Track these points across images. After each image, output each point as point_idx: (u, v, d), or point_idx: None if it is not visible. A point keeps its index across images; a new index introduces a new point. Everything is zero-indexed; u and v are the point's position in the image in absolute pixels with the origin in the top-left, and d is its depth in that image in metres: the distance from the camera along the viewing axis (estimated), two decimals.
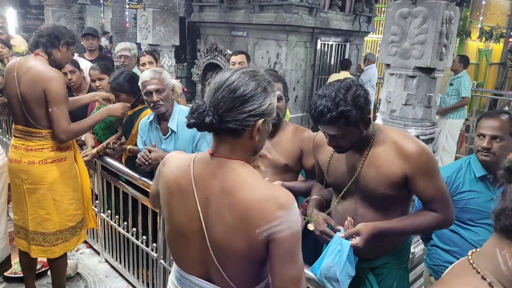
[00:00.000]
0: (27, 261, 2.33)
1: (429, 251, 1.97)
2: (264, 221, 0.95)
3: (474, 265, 0.74)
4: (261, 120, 1.00)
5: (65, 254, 2.34)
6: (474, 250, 0.78)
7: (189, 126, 1.00)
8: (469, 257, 0.76)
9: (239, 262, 1.04)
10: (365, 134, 1.42)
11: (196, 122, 0.98)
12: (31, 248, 2.22)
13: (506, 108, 6.55)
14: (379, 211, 1.46)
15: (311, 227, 1.54)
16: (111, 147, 2.47)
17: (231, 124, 0.97)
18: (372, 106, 6.54)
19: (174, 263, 1.22)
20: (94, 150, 2.65)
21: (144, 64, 3.31)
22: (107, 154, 2.63)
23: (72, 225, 2.29)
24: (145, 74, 2.18)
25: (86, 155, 2.61)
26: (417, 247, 2.68)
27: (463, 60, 5.10)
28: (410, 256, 2.43)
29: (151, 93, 2.12)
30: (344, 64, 6.24)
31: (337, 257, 1.37)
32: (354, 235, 1.40)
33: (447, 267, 0.97)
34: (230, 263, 1.04)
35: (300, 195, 1.89)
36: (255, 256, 1.01)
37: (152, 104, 2.14)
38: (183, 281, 1.15)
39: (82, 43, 4.34)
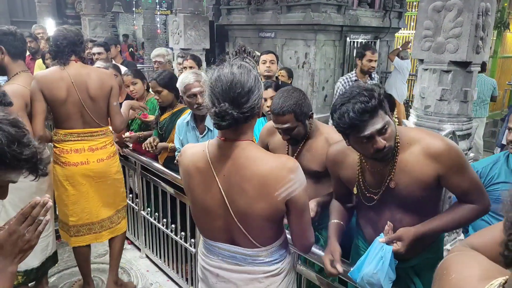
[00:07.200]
0: (84, 256, 2.50)
1: None
2: (280, 184, 1.16)
3: None
4: (262, 100, 1.20)
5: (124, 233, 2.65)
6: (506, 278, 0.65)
7: (223, 128, 1.14)
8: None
9: (261, 224, 1.23)
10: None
11: (230, 122, 1.12)
12: (101, 235, 2.48)
13: None
14: (415, 214, 1.44)
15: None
16: (153, 146, 2.58)
17: (249, 113, 1.15)
18: (402, 102, 6.42)
19: (201, 236, 1.39)
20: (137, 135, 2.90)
21: (185, 68, 3.42)
22: (146, 153, 2.75)
23: (125, 204, 2.64)
24: (188, 77, 2.22)
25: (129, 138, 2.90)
26: (454, 245, 2.63)
27: None
28: (445, 254, 2.39)
29: (195, 95, 2.19)
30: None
31: (380, 263, 1.35)
32: (395, 240, 1.38)
33: None
34: (253, 226, 1.23)
35: None
36: (275, 215, 1.22)
37: (196, 106, 2.21)
38: (211, 249, 1.33)
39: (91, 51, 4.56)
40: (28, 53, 5.28)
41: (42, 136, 2.21)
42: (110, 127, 2.48)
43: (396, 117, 2.57)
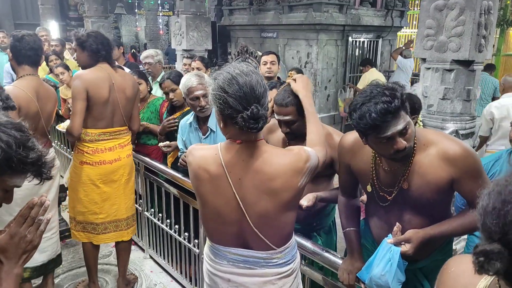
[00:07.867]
0: (95, 253, 2.53)
1: (468, 240, 1.96)
2: (300, 175, 1.22)
3: None
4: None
5: None
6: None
7: (259, 130, 1.16)
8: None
9: (282, 220, 1.25)
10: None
11: (264, 122, 1.15)
12: (127, 232, 2.56)
13: None
14: (425, 216, 1.43)
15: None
16: (168, 145, 2.59)
17: (267, 110, 1.19)
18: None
19: (207, 240, 1.37)
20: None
21: (193, 69, 3.42)
22: (149, 154, 2.76)
23: None
24: (191, 80, 2.22)
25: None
26: (458, 244, 2.63)
27: None
28: (453, 254, 2.39)
29: (198, 98, 2.20)
30: (368, 62, 6.15)
31: (388, 265, 1.34)
32: (403, 242, 1.37)
33: None
34: (272, 225, 1.24)
35: (334, 202, 1.84)
36: (298, 199, 1.30)
37: (199, 108, 2.22)
38: (221, 254, 1.31)
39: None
40: None
41: (80, 135, 2.29)
42: None
43: (421, 120, 2.51)
